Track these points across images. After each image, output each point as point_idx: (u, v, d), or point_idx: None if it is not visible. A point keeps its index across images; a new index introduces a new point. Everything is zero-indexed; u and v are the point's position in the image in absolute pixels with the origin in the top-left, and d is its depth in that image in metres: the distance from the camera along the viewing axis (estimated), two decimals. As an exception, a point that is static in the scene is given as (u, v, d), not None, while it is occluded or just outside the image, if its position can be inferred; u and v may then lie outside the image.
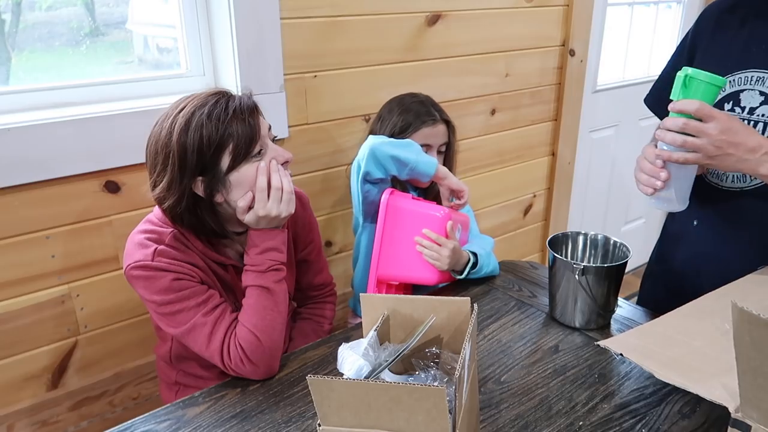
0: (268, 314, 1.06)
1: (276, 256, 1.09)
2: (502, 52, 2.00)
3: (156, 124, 1.05)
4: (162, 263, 1.03)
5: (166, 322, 1.06)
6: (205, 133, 0.99)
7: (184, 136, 1.00)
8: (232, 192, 1.04)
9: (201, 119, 1.00)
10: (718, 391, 0.73)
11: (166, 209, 1.05)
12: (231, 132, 1.01)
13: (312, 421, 0.95)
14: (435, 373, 0.78)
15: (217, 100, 1.02)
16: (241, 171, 1.03)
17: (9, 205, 1.25)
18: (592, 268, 1.13)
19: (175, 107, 1.04)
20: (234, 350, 1.03)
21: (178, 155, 1.00)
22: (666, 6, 2.79)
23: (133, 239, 1.07)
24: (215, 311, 1.06)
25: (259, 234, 1.08)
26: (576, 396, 1.00)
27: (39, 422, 1.41)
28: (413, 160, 1.28)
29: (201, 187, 1.03)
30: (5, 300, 1.30)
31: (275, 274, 1.08)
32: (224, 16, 1.42)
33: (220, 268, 1.13)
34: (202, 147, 1.00)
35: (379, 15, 1.66)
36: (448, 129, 1.52)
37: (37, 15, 1.35)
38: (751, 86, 1.05)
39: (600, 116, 2.58)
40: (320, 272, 1.37)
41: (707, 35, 1.14)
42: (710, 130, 0.94)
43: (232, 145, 1.01)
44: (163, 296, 1.03)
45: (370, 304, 0.83)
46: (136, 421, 0.97)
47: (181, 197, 1.02)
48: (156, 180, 1.04)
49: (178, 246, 1.06)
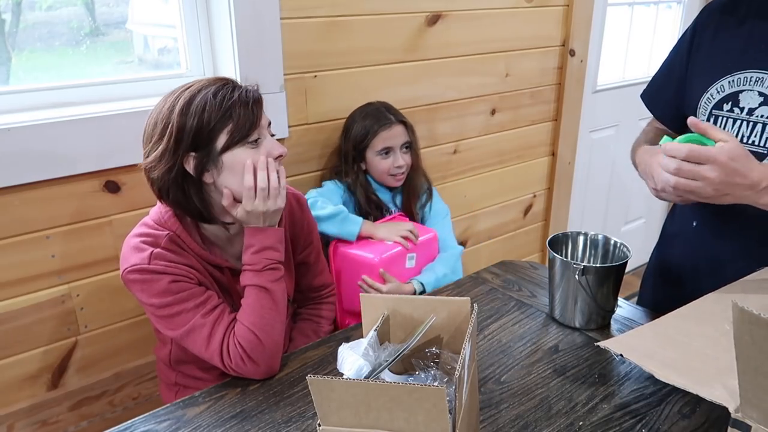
0: (267, 313, 1.06)
1: (272, 254, 1.08)
2: (502, 52, 2.00)
3: (160, 100, 1.06)
4: (159, 266, 1.03)
5: (164, 324, 1.06)
6: (207, 108, 1.00)
7: (185, 111, 1.01)
8: (222, 174, 1.04)
9: (206, 97, 1.01)
10: (718, 391, 0.73)
11: (154, 180, 1.05)
12: (232, 113, 1.02)
13: (312, 421, 0.95)
14: (435, 373, 0.78)
15: (225, 84, 1.04)
16: (234, 153, 1.03)
17: (9, 205, 1.25)
18: (592, 268, 1.13)
19: (181, 87, 1.05)
20: (234, 350, 1.03)
21: (177, 127, 1.01)
22: (666, 6, 2.79)
23: (128, 243, 1.07)
24: (213, 312, 1.05)
25: (254, 233, 1.08)
26: (576, 396, 1.00)
27: (39, 422, 1.41)
28: (335, 233, 1.50)
29: (192, 164, 1.03)
30: (5, 300, 1.30)
31: (272, 273, 1.08)
32: (224, 16, 1.42)
33: (216, 271, 1.13)
34: (202, 122, 1.00)
35: (379, 15, 1.66)
36: (407, 129, 1.61)
37: (37, 15, 1.35)
38: (750, 87, 1.05)
39: (600, 116, 2.58)
40: (320, 274, 1.37)
41: (706, 35, 1.14)
42: (707, 173, 0.88)
43: (231, 125, 1.02)
44: (161, 299, 1.03)
45: (370, 304, 0.83)
46: (136, 421, 0.97)
47: (171, 169, 1.02)
48: (150, 150, 1.04)
49: (173, 248, 1.06)
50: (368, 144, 1.57)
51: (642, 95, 1.30)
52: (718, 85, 1.09)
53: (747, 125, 1.05)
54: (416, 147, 1.65)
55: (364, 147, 1.57)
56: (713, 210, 1.15)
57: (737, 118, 1.07)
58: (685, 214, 1.24)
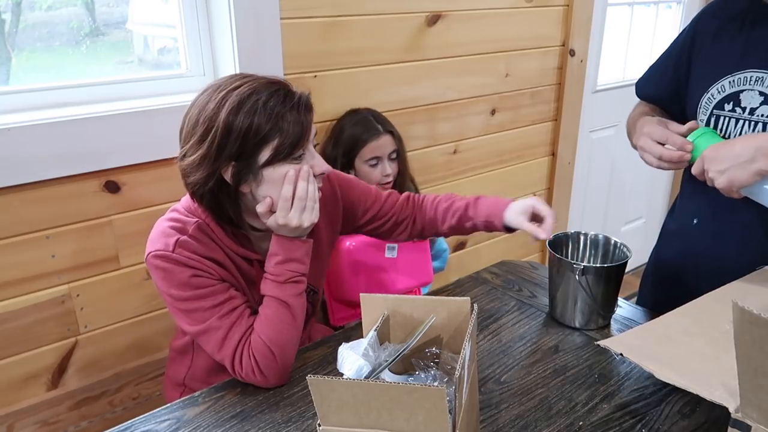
0: (285, 329, 1.02)
1: (297, 267, 1.04)
2: (502, 52, 2.00)
3: (203, 92, 1.00)
4: (182, 257, 0.99)
5: (180, 317, 1.03)
6: (255, 120, 0.95)
7: (233, 116, 0.94)
8: (260, 186, 1.00)
9: (256, 104, 0.95)
10: (718, 391, 0.73)
11: (189, 184, 1.01)
12: (281, 127, 0.96)
13: (312, 421, 0.95)
14: (435, 373, 0.78)
15: (277, 90, 0.98)
16: (276, 169, 0.98)
17: (9, 205, 1.25)
18: (592, 268, 1.13)
19: (230, 83, 0.98)
20: (247, 361, 1.00)
21: (221, 133, 0.95)
22: (666, 6, 2.79)
23: (158, 226, 1.04)
24: (231, 314, 1.02)
25: (282, 242, 1.04)
26: (576, 396, 1.00)
27: (39, 422, 1.41)
28: None
29: (230, 173, 0.98)
30: (5, 300, 1.30)
31: (294, 286, 1.04)
32: (224, 16, 1.42)
33: (244, 263, 1.09)
34: (249, 133, 0.95)
35: (379, 15, 1.66)
36: (394, 138, 1.63)
37: (37, 15, 1.35)
38: (751, 86, 1.05)
39: (600, 116, 2.58)
40: (385, 201, 1.28)
41: (707, 34, 1.14)
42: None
43: (277, 140, 0.96)
44: (180, 291, 1.00)
45: (370, 304, 0.83)
46: (136, 421, 0.97)
47: (209, 177, 0.97)
48: (187, 151, 0.99)
49: (201, 237, 1.02)
50: (357, 153, 1.59)
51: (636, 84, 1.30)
52: (718, 84, 1.09)
53: (749, 125, 1.05)
54: (403, 154, 1.66)
55: (353, 156, 1.60)
56: (714, 208, 1.15)
57: (739, 118, 1.07)
58: (686, 211, 1.24)
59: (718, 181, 0.98)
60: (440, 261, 1.81)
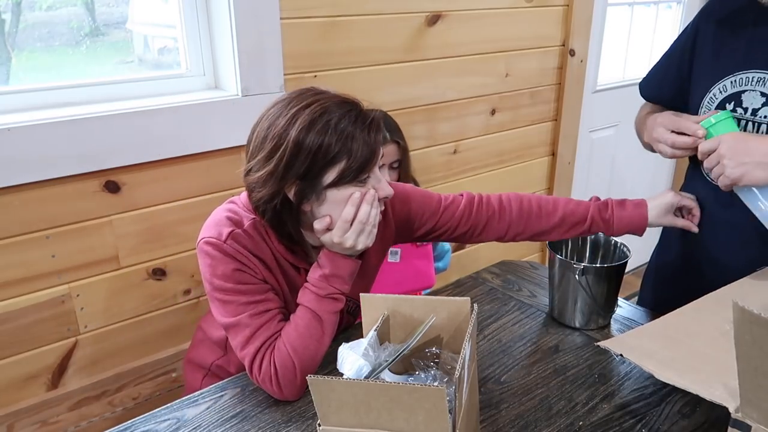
0: (312, 343, 1.00)
1: (340, 285, 1.03)
2: (502, 52, 2.00)
3: (273, 105, 0.99)
4: (231, 249, 0.99)
5: (216, 306, 1.02)
6: (326, 140, 0.93)
7: (304, 135, 0.93)
8: (322, 206, 0.99)
9: (328, 125, 0.94)
10: (718, 391, 0.73)
11: (253, 199, 1.00)
12: (351, 148, 0.94)
13: (312, 421, 0.95)
14: (435, 373, 0.78)
15: (349, 110, 0.96)
16: (340, 191, 0.97)
17: (9, 205, 1.25)
18: (592, 268, 1.13)
19: (301, 99, 0.97)
20: (266, 367, 0.99)
21: (291, 152, 0.93)
22: (666, 6, 2.79)
23: (216, 214, 1.04)
24: (263, 316, 1.01)
25: (331, 258, 1.02)
26: (576, 396, 1.00)
27: (39, 422, 1.41)
28: None
29: (293, 191, 0.97)
30: (5, 300, 1.30)
31: (333, 303, 1.03)
32: (224, 16, 1.42)
33: (292, 269, 1.08)
34: (318, 153, 0.93)
35: (379, 15, 1.66)
36: (399, 149, 1.55)
37: (37, 15, 1.35)
38: (753, 87, 1.05)
39: (600, 116, 2.58)
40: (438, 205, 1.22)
41: (708, 33, 1.14)
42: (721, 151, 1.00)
43: (345, 163, 0.95)
44: (221, 282, 1.00)
45: (370, 304, 0.83)
46: (136, 421, 0.97)
47: (274, 195, 0.97)
48: (254, 166, 0.98)
49: (254, 235, 1.02)
50: None
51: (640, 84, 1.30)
52: (720, 84, 1.09)
53: (752, 126, 1.05)
54: (405, 163, 1.58)
55: None
56: (715, 209, 1.15)
57: (741, 119, 1.07)
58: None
59: (730, 170, 0.97)
60: (443, 262, 1.80)
